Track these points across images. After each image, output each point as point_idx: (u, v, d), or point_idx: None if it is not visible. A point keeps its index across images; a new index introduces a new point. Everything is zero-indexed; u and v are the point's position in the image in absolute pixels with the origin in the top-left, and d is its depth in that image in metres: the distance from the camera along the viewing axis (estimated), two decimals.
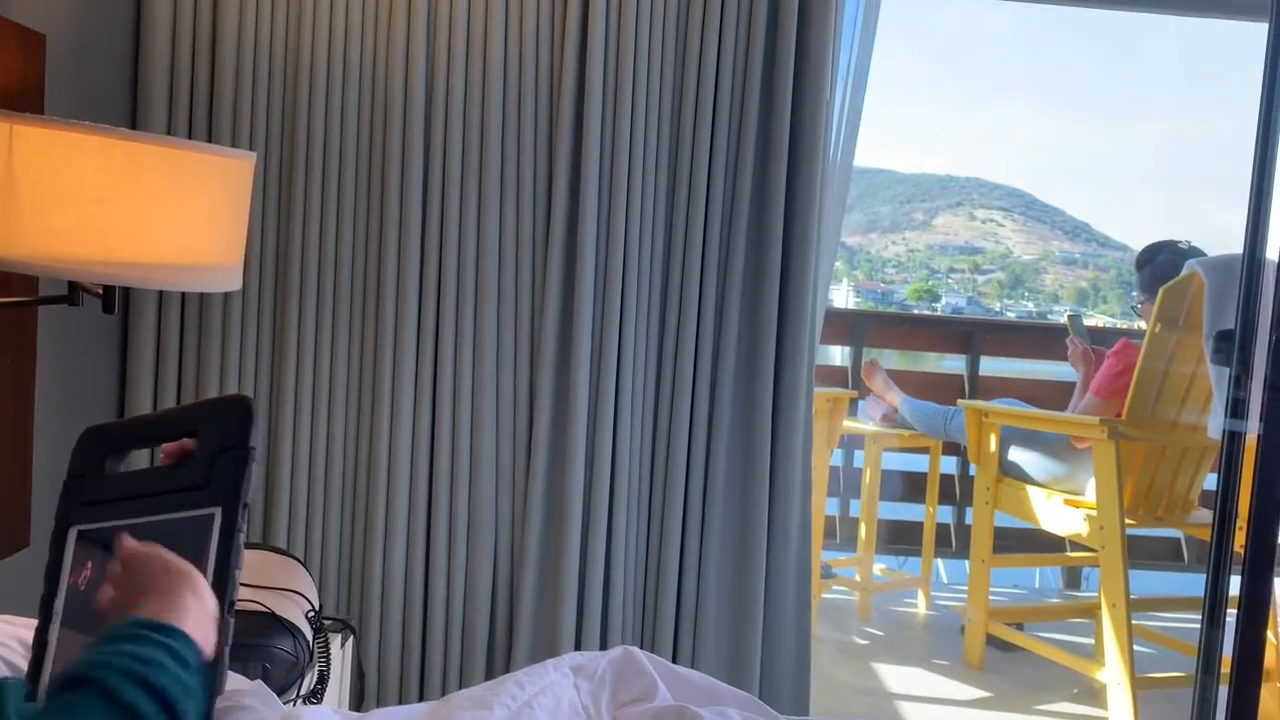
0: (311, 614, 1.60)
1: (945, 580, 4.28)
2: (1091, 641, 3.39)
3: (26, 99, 1.64)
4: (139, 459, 1.18)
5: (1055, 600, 4.17)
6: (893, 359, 4.89)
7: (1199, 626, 1.58)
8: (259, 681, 1.14)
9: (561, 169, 2.21)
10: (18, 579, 1.72)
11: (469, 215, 2.20)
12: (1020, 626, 3.47)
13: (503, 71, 2.20)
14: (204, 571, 0.93)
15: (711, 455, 2.29)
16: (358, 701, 1.92)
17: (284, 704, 1.31)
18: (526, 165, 2.23)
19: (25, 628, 1.15)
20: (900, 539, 4.18)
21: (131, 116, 2.14)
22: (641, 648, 2.30)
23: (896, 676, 3.20)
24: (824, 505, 3.76)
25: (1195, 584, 4.24)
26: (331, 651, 1.60)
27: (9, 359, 1.63)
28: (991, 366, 4.42)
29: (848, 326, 4.32)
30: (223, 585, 0.92)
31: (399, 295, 2.20)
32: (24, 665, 1.07)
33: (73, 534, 1.03)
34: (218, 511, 0.95)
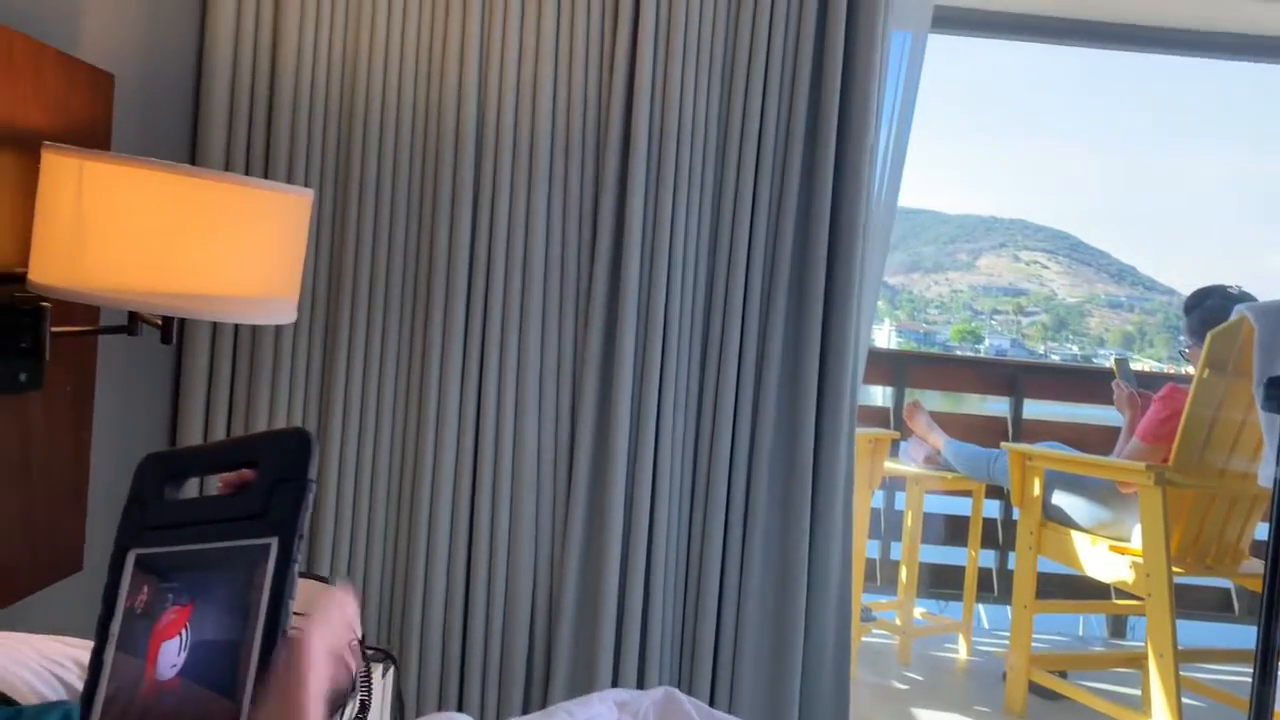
0: (354, 643, 1.61)
1: (987, 625, 4.22)
2: (1138, 692, 3.33)
3: (96, 136, 1.70)
4: (195, 486, 1.21)
5: (1100, 649, 4.10)
6: (935, 400, 4.85)
7: (1250, 679, 1.55)
8: None
9: (607, 207, 2.24)
10: (73, 602, 1.76)
11: (515, 256, 2.24)
12: (1064, 674, 3.41)
13: (550, 114, 2.24)
14: (258, 599, 0.95)
15: (752, 495, 2.30)
16: None
17: None
18: (573, 202, 2.26)
19: (81, 649, 1.17)
20: (942, 583, 4.13)
21: (191, 154, 2.21)
22: (679, 686, 2.31)
23: None
24: (865, 547, 3.73)
25: (1246, 636, 4.14)
26: (372, 681, 1.61)
27: (69, 386, 1.68)
28: (1035, 409, 4.38)
29: (890, 367, 4.30)
30: (276, 613, 0.94)
31: (445, 330, 2.23)
32: (79, 685, 1.10)
33: (131, 557, 1.06)
34: (274, 541, 0.97)
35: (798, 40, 2.25)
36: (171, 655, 1.00)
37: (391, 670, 1.89)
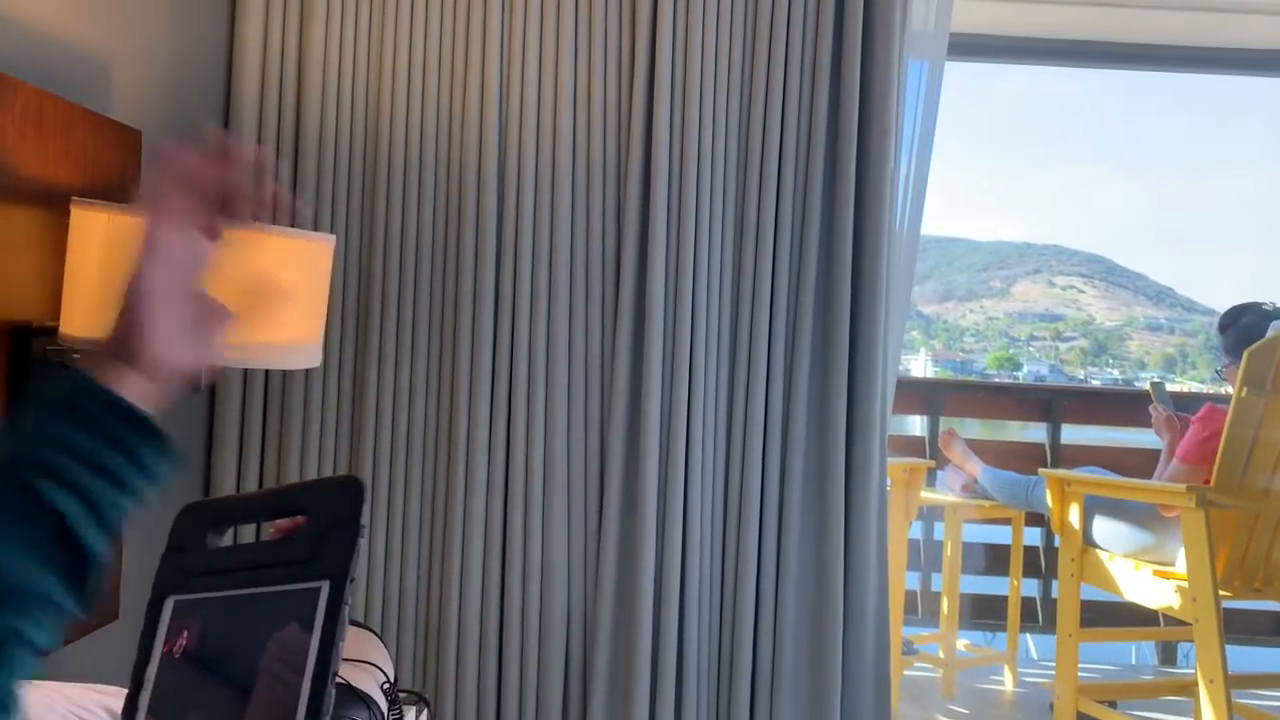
0: (387, 686, 1.62)
1: (1034, 656, 4.14)
2: None
3: (124, 191, 1.73)
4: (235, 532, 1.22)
5: (1150, 677, 4.01)
6: (972, 428, 4.80)
7: None
8: None
9: (629, 242, 2.26)
10: (106, 651, 1.77)
11: (539, 291, 2.25)
12: (1114, 704, 3.33)
13: (571, 149, 2.26)
14: (309, 643, 0.95)
15: (784, 529, 2.28)
16: None
17: None
18: (595, 240, 2.27)
19: (114, 697, 1.18)
20: (984, 613, 4.06)
21: None
22: None
23: None
24: (903, 578, 3.68)
25: None
26: None
27: None
28: (1073, 435, 4.32)
29: (924, 396, 4.27)
30: (327, 657, 0.94)
31: (472, 368, 2.25)
32: None
33: (169, 603, 1.06)
34: (325, 585, 0.98)
35: (814, 72, 2.27)
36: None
37: (426, 713, 1.88)
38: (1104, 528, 3.10)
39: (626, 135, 2.27)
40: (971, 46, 2.99)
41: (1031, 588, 4.12)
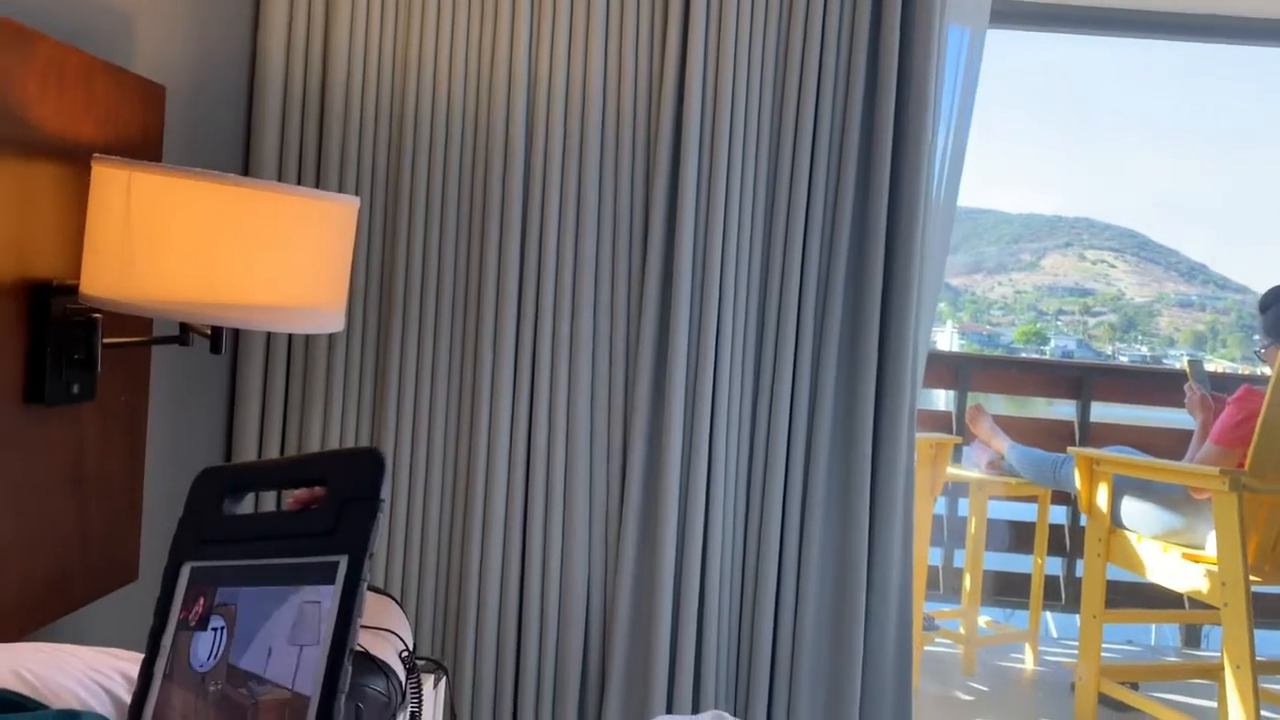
0: (405, 654, 1.60)
1: (1055, 635, 4.12)
2: (1214, 704, 3.21)
3: (147, 148, 1.71)
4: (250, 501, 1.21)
5: (1173, 659, 3.97)
6: (999, 404, 4.76)
7: None
8: None
9: (658, 210, 2.22)
10: (127, 611, 1.77)
11: (565, 260, 2.22)
12: (1135, 686, 3.30)
13: (600, 118, 2.22)
14: (326, 617, 0.94)
15: (808, 503, 2.25)
16: None
17: None
18: (623, 207, 2.24)
19: (129, 662, 1.17)
20: (1007, 591, 4.03)
21: (245, 164, 2.22)
22: (735, 701, 2.27)
23: None
24: (926, 555, 3.66)
25: None
26: (424, 692, 1.60)
27: (123, 397, 1.69)
28: (1103, 413, 4.26)
29: (952, 370, 4.22)
30: (344, 631, 0.93)
31: (496, 336, 2.22)
32: (126, 698, 1.09)
33: (186, 569, 1.05)
34: (343, 560, 0.97)
35: (852, 37, 2.21)
36: (204, 649, 0.99)
37: (444, 681, 1.88)
38: (1132, 508, 3.06)
39: (657, 102, 2.23)
40: (1014, 14, 2.91)
41: (1055, 566, 4.09)
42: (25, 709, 0.99)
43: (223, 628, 0.99)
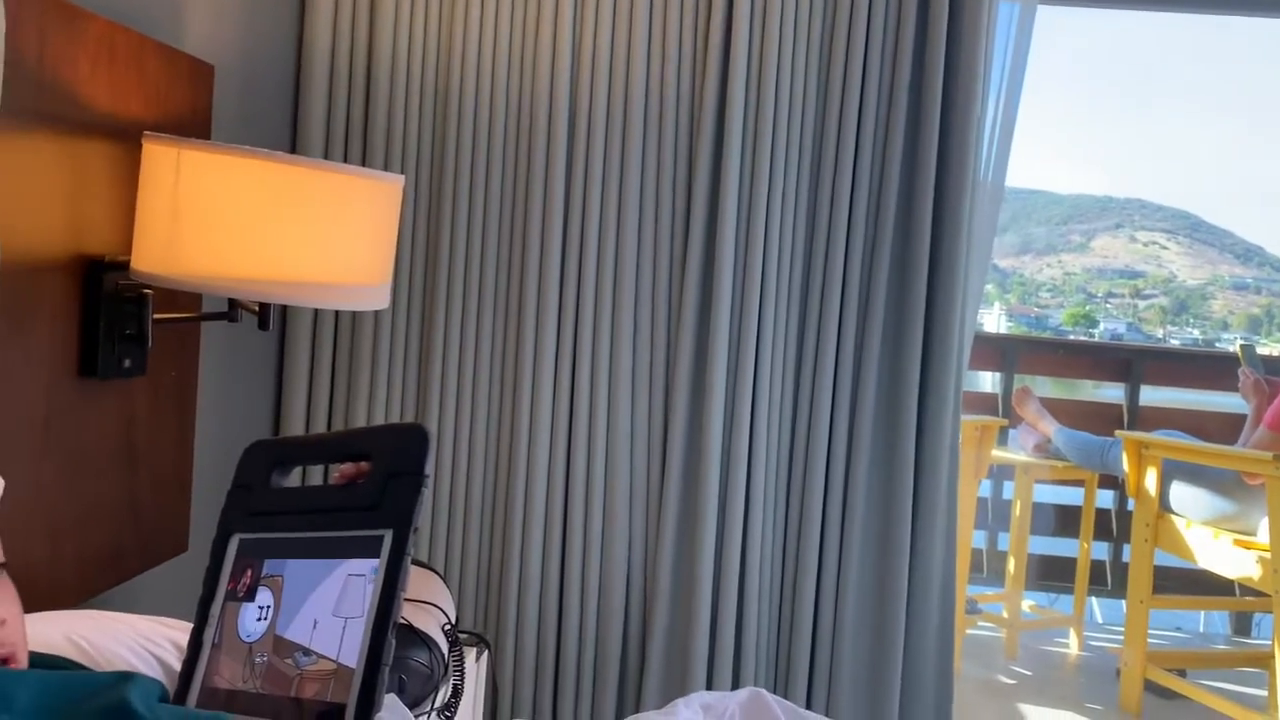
0: (448, 627, 1.62)
1: (1100, 620, 4.07)
2: (1264, 693, 3.17)
3: (196, 126, 1.73)
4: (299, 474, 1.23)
5: (1222, 646, 3.92)
6: (1046, 386, 4.70)
7: None
8: (390, 694, 1.16)
9: (701, 189, 2.21)
10: (178, 582, 1.80)
11: (608, 240, 2.22)
12: (1183, 673, 3.26)
13: (644, 92, 2.21)
14: (370, 591, 0.95)
15: (850, 484, 2.24)
16: (491, 717, 1.94)
17: (417, 717, 1.33)
18: (665, 184, 2.23)
19: (179, 630, 1.19)
20: (1052, 575, 3.99)
21: (292, 142, 2.24)
22: (775, 681, 2.27)
23: (1045, 719, 3.05)
24: (970, 537, 3.63)
25: None
26: (466, 666, 1.62)
27: (173, 372, 1.72)
28: (1153, 396, 4.20)
29: (999, 352, 4.17)
30: (388, 605, 0.95)
31: (539, 315, 2.23)
32: (176, 665, 1.11)
33: (234, 541, 1.07)
34: (388, 534, 0.98)
35: (899, 10, 2.18)
36: (252, 620, 1.01)
37: (486, 655, 1.90)
38: (1182, 493, 3.01)
39: (701, 75, 2.21)
40: None
41: (1101, 551, 4.04)
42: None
43: (271, 599, 1.01)
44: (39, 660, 0.95)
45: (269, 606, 1.01)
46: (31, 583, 1.20)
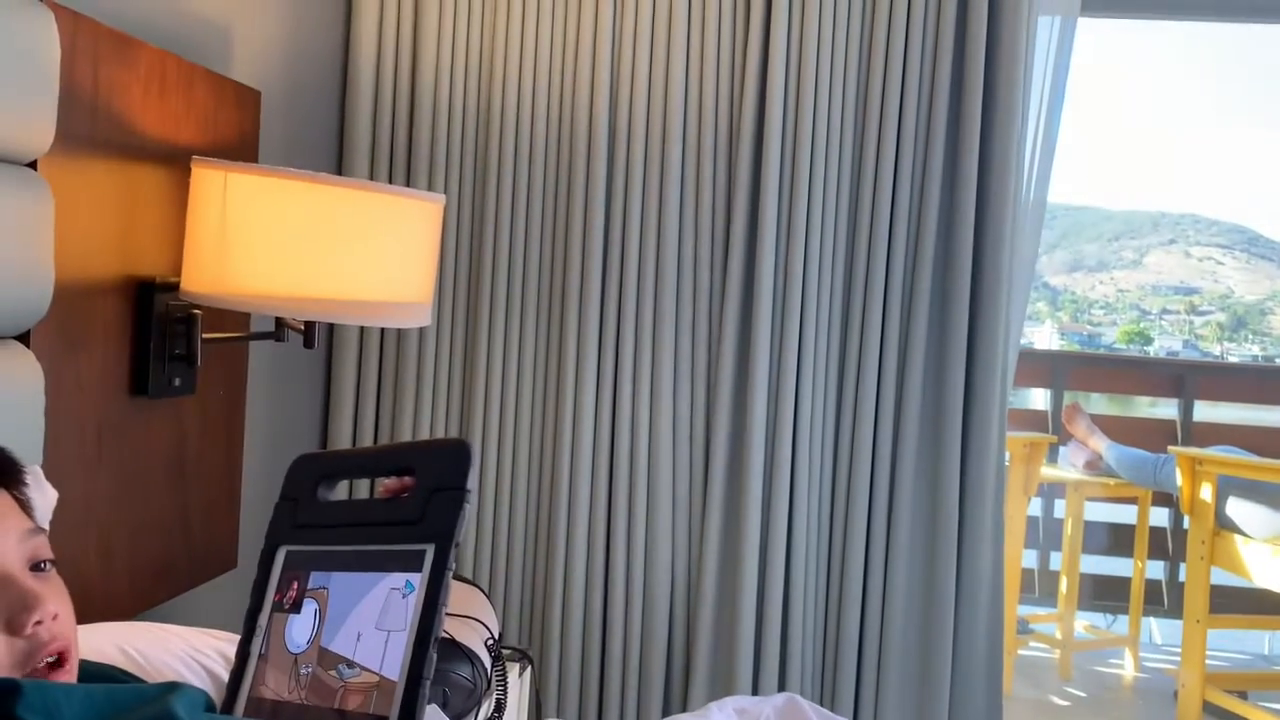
0: (491, 642, 1.63)
1: (1158, 641, 3.99)
2: None
3: (243, 150, 1.77)
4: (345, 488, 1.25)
5: None
6: (1098, 403, 4.64)
7: None
8: (433, 707, 1.17)
9: (740, 206, 2.21)
10: (227, 597, 1.83)
11: (648, 255, 2.23)
12: (1244, 695, 3.19)
13: (683, 108, 2.22)
14: (412, 606, 0.96)
15: (895, 501, 2.22)
16: None
17: None
18: (705, 201, 2.24)
19: (228, 643, 1.21)
20: (1106, 595, 3.92)
21: (338, 165, 2.29)
22: (821, 696, 2.25)
23: None
24: (1019, 556, 3.58)
25: None
26: (509, 680, 1.63)
27: (221, 390, 1.75)
28: (1207, 413, 4.12)
29: (1048, 368, 4.12)
30: (430, 619, 0.95)
31: (580, 330, 2.25)
32: (224, 676, 1.13)
33: (281, 553, 1.09)
34: (430, 549, 0.99)
35: (938, 27, 2.18)
36: (299, 635, 1.03)
37: (529, 670, 1.90)
38: (1239, 510, 2.95)
39: (740, 89, 2.22)
40: (1107, 1, 2.82)
41: (1156, 570, 3.96)
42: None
43: (317, 611, 1.02)
44: (92, 670, 0.97)
45: (316, 617, 1.02)
46: (85, 595, 1.23)
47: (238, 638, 1.10)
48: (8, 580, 0.86)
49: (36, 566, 0.90)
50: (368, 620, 1.00)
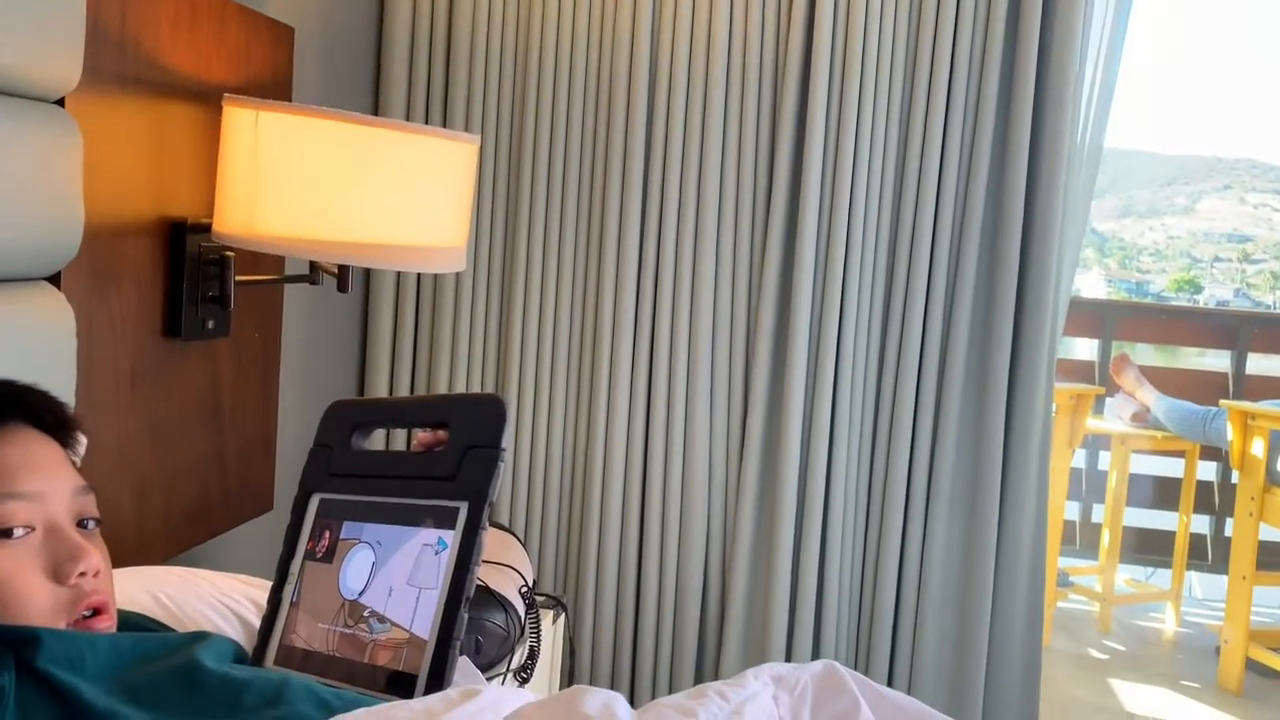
0: (525, 590, 1.62)
1: (1199, 595, 3.94)
2: None
3: (277, 88, 1.74)
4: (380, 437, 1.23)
5: None
6: (1146, 354, 4.55)
7: None
8: (463, 659, 1.16)
9: (784, 150, 2.16)
10: (263, 539, 1.84)
11: (688, 206, 2.19)
12: None
13: (726, 50, 2.16)
14: (444, 563, 0.95)
15: (937, 452, 2.18)
16: (568, 680, 1.94)
17: (493, 678, 1.33)
18: (748, 151, 2.18)
19: (259, 589, 1.21)
20: (1148, 548, 3.87)
21: (374, 104, 2.25)
22: (856, 652, 2.24)
23: (1139, 696, 2.96)
24: (1062, 509, 3.53)
25: None
26: (543, 628, 1.62)
27: (256, 333, 1.74)
28: (1261, 365, 4.02)
29: (1096, 318, 4.04)
30: (461, 579, 0.94)
31: (618, 280, 2.21)
32: (255, 622, 1.13)
33: (315, 501, 1.08)
34: (464, 506, 0.98)
35: None
36: (354, 580, 1.02)
37: (563, 618, 1.90)
38: None
39: (785, 35, 2.15)
40: None
41: (1201, 524, 3.90)
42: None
43: (374, 562, 1.01)
44: (124, 619, 0.97)
45: (372, 566, 1.01)
46: (119, 538, 1.23)
47: (269, 584, 1.09)
48: (58, 531, 0.89)
49: (82, 524, 0.92)
50: (400, 576, 0.99)
